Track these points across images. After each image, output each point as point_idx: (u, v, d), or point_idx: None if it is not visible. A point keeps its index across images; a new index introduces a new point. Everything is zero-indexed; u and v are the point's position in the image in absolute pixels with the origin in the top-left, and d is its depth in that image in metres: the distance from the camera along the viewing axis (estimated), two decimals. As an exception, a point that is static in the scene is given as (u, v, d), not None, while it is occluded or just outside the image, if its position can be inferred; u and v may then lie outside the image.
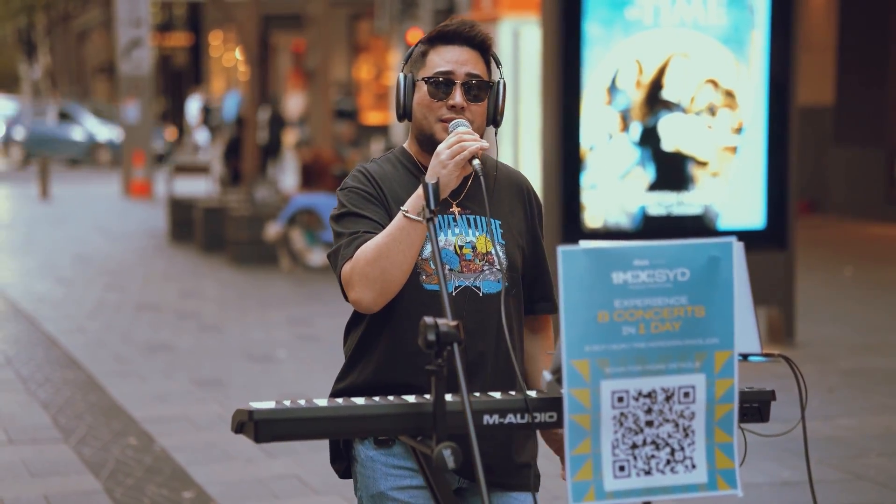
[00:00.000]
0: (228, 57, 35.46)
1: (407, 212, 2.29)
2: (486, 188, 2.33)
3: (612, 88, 7.10)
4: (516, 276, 2.45)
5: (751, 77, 7.21)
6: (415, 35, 20.80)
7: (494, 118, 2.43)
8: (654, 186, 7.21)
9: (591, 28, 7.04)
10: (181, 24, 36.46)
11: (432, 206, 2.24)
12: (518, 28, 10.59)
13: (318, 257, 11.12)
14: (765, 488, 4.72)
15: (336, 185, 11.77)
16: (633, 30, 7.07)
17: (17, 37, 42.49)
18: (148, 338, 8.11)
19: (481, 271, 2.39)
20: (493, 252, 2.41)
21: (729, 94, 7.20)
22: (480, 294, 2.38)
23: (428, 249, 2.37)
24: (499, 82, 2.44)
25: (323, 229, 11.01)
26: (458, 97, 2.39)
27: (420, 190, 2.27)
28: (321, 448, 5.18)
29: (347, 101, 21.45)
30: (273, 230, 10.93)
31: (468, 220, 2.42)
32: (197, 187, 15.89)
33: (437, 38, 2.43)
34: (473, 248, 2.40)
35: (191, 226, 13.07)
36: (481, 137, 2.40)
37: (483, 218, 2.42)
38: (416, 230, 2.28)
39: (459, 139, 2.31)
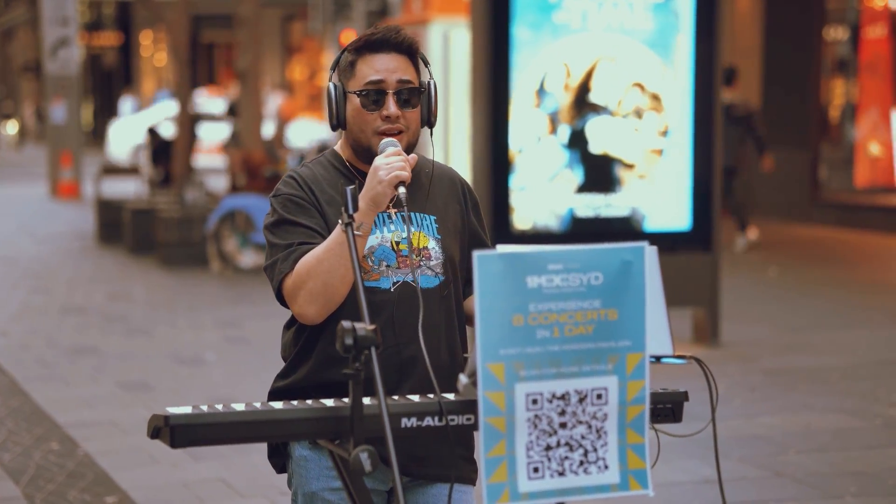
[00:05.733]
0: (159, 57, 35.06)
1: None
2: (404, 218, 2.36)
3: (541, 91, 7.16)
4: (454, 269, 2.47)
5: (676, 80, 7.31)
6: (348, 36, 20.72)
7: (428, 120, 2.45)
8: (582, 188, 7.28)
9: (520, 31, 7.10)
10: (110, 23, 35.97)
11: (350, 211, 2.25)
12: (448, 31, 10.63)
13: (248, 259, 11.04)
14: (687, 486, 4.80)
15: (267, 186, 11.71)
16: (561, 33, 7.13)
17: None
18: (74, 341, 8.00)
19: (418, 266, 2.41)
20: (428, 247, 2.43)
21: (655, 98, 7.30)
22: (418, 288, 2.39)
23: (366, 247, 2.39)
24: (430, 84, 2.46)
25: (254, 231, 10.94)
26: (391, 107, 2.40)
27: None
28: (247, 451, 5.20)
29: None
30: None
31: (402, 217, 2.43)
32: (126, 188, 15.68)
33: (365, 47, 2.43)
34: (410, 244, 2.41)
35: (119, 227, 12.90)
36: (416, 139, 2.44)
37: (417, 214, 2.45)
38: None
39: (392, 161, 2.32)
